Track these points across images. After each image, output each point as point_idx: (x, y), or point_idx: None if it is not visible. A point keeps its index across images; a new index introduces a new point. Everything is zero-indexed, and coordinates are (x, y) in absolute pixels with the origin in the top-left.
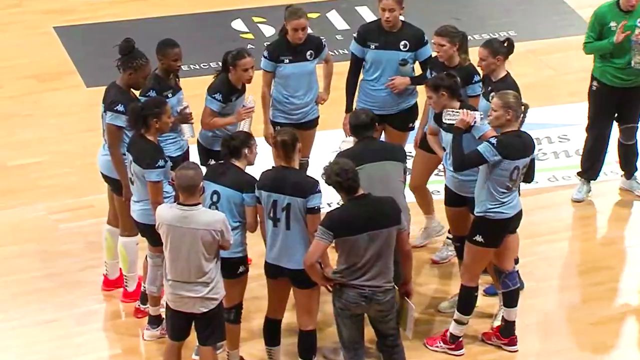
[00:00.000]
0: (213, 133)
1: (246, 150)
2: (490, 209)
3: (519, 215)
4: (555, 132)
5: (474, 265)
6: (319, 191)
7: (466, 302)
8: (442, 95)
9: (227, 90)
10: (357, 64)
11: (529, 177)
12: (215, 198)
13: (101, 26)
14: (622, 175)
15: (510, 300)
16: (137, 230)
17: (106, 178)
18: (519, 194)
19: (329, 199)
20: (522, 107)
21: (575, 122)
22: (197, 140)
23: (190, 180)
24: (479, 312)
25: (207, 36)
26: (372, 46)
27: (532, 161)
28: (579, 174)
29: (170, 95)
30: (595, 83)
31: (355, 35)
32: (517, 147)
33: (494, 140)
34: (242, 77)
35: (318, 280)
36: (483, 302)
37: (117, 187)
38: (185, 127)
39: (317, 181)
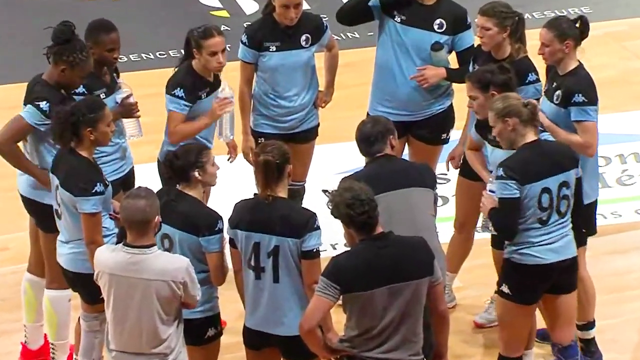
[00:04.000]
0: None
1: (197, 173)
2: (517, 250)
3: (568, 266)
4: None
5: (506, 327)
6: (318, 228)
7: None
8: (492, 95)
9: (192, 82)
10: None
11: (579, 198)
12: (167, 244)
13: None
14: None
15: None
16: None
17: (29, 205)
18: (587, 236)
19: (333, 238)
20: (527, 106)
21: None
22: (158, 158)
23: (140, 213)
24: None
25: (166, 14)
26: (398, 19)
27: (579, 182)
28: None
29: (103, 95)
30: None
31: None
32: (535, 162)
33: (501, 171)
34: (209, 64)
35: (319, 351)
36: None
37: (43, 217)
38: (128, 123)
39: (315, 214)
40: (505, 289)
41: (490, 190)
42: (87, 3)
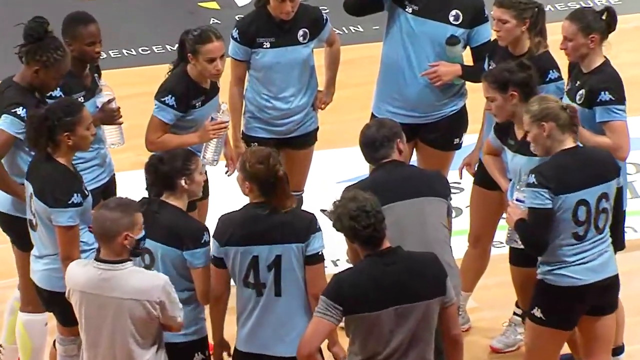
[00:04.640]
0: None
1: (183, 181)
2: (551, 270)
3: (609, 286)
4: None
5: (535, 354)
6: (320, 229)
7: None
8: (511, 96)
9: (186, 90)
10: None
11: (618, 210)
12: (147, 259)
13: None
14: None
15: None
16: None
17: (7, 222)
18: (614, 251)
19: (335, 253)
20: (566, 110)
21: None
22: None
23: (102, 225)
24: None
25: (151, 7)
26: (409, 9)
27: (619, 191)
28: None
29: (82, 98)
30: None
31: None
32: (571, 170)
33: (532, 178)
34: (206, 71)
35: None
36: None
37: (23, 235)
38: (109, 131)
39: (314, 215)
40: (537, 312)
41: (517, 199)
42: (87, 3)
